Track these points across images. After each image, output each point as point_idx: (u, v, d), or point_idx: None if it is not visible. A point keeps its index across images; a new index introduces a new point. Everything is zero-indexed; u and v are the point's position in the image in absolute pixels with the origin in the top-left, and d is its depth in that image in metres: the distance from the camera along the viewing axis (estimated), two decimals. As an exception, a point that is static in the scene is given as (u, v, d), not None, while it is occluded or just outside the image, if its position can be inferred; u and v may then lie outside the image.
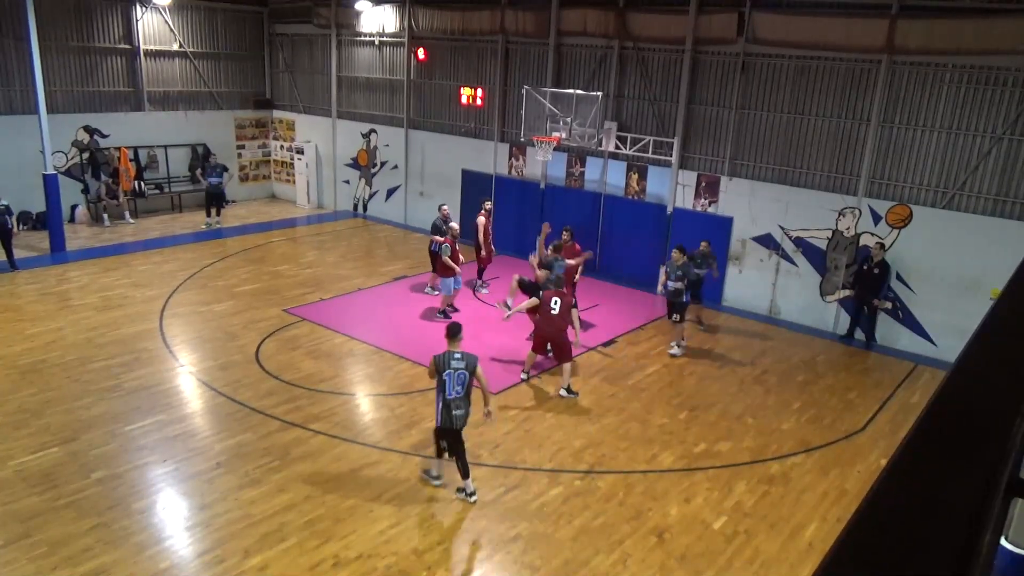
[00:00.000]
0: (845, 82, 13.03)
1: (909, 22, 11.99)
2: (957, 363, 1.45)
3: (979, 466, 1.15)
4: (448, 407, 7.61)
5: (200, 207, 19.90)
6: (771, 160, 14.07)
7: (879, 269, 12.67)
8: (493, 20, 17.01)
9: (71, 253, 16.22)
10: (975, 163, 12.01)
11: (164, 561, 6.74)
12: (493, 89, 17.58)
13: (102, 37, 19.14)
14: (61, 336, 11.68)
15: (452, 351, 7.70)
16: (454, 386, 7.61)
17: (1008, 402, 1.29)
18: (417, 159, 19.71)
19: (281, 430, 9.13)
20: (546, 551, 7.14)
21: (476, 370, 7.72)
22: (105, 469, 8.10)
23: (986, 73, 11.70)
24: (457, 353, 7.69)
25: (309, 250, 17.76)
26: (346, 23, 20.13)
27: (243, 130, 22.36)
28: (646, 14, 14.86)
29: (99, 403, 9.58)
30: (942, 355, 12.44)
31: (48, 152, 15.92)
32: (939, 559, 0.95)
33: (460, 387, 7.64)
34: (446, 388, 7.60)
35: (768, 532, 7.64)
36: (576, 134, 14.47)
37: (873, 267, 12.71)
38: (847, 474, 8.85)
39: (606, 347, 12.39)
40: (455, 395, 7.62)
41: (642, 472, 8.65)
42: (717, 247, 14.79)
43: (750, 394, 10.94)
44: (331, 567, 6.77)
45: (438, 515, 7.61)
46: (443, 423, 7.70)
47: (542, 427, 9.59)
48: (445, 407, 7.62)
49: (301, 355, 11.41)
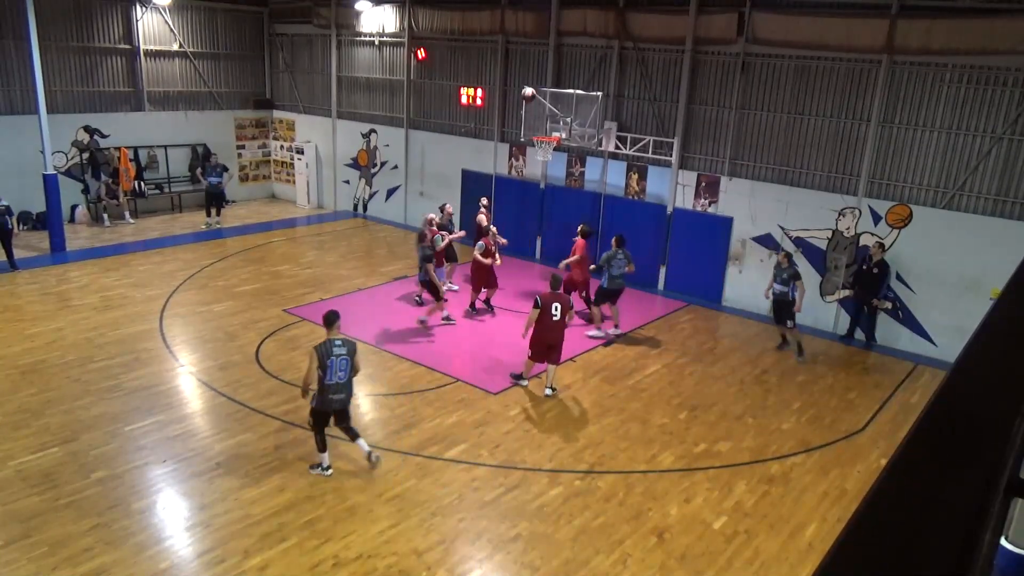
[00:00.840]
0: (845, 82, 13.03)
1: (909, 22, 12.00)
2: (957, 363, 1.45)
3: (979, 466, 1.15)
4: (327, 392, 7.84)
5: (200, 207, 19.90)
6: (771, 160, 14.07)
7: (878, 269, 12.67)
8: (493, 20, 17.01)
9: (71, 253, 16.22)
10: (975, 163, 12.01)
11: (164, 561, 6.74)
12: (493, 89, 17.58)
13: (102, 37, 19.14)
14: (61, 336, 11.67)
15: (333, 338, 7.87)
16: (336, 372, 7.82)
17: (1008, 402, 1.29)
18: (417, 159, 19.71)
19: (281, 430, 9.13)
20: (546, 551, 7.14)
21: (356, 354, 8.00)
22: (105, 469, 8.10)
23: (986, 73, 11.70)
24: (338, 340, 7.89)
25: (309, 250, 17.76)
26: (346, 23, 20.13)
27: (243, 130, 22.36)
28: (646, 14, 14.86)
29: (99, 403, 9.58)
30: (942, 355, 12.44)
31: (48, 152, 15.92)
32: (939, 559, 0.95)
33: (343, 372, 7.87)
34: (328, 374, 7.78)
35: (768, 532, 7.64)
36: (576, 134, 14.47)
37: (872, 267, 12.71)
38: (847, 474, 8.84)
39: (606, 347, 12.39)
40: (337, 380, 7.85)
41: (642, 472, 8.65)
42: (717, 247, 14.83)
43: (750, 394, 10.94)
44: (331, 567, 6.77)
45: (438, 515, 7.61)
46: (324, 407, 7.93)
47: (542, 427, 9.59)
48: (326, 391, 7.83)
49: (301, 355, 11.39)
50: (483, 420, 9.66)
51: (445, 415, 9.73)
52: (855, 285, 13.15)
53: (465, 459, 8.69)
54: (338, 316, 8.11)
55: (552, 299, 10.24)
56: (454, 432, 9.29)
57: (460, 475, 8.35)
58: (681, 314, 14.35)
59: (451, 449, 8.88)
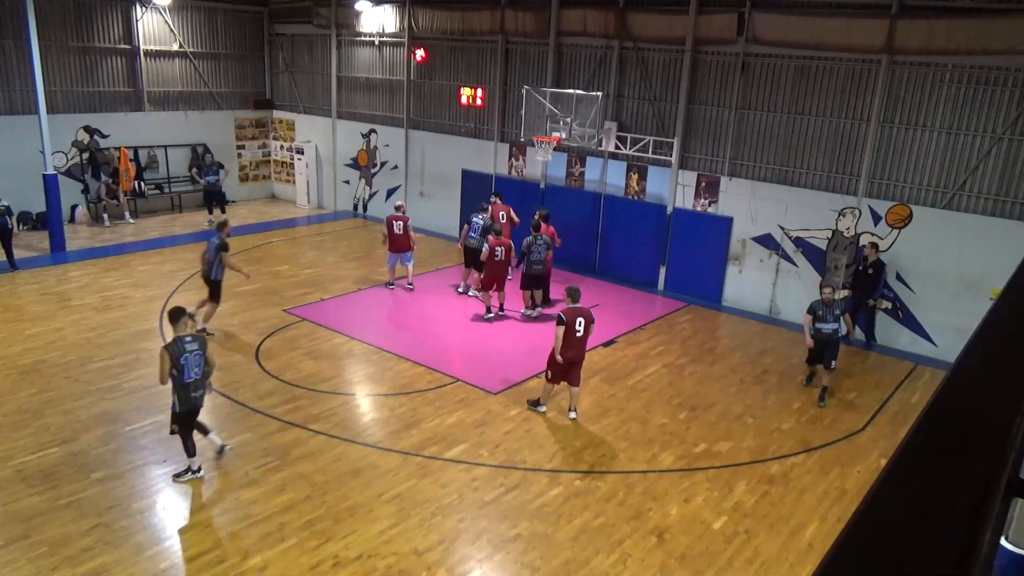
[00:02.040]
0: (845, 82, 13.03)
1: (909, 22, 11.99)
2: (957, 363, 1.45)
3: (979, 466, 1.15)
4: (187, 390, 7.73)
5: (200, 207, 19.90)
6: (771, 160, 14.07)
7: (873, 269, 12.66)
8: (493, 20, 17.01)
9: (71, 253, 16.22)
10: (975, 163, 12.01)
11: (164, 561, 6.74)
12: (493, 89, 17.58)
13: (102, 37, 19.13)
14: (61, 336, 11.67)
15: (182, 336, 7.76)
16: (192, 369, 7.72)
17: (1008, 402, 1.29)
18: (417, 159, 19.71)
19: (281, 430, 9.13)
20: (546, 551, 7.14)
21: (207, 348, 7.92)
22: (105, 469, 8.10)
23: (986, 73, 11.70)
24: (187, 337, 7.79)
25: (309, 250, 17.75)
26: (346, 23, 20.12)
27: (243, 130, 22.35)
28: (646, 14, 14.86)
29: (99, 403, 9.58)
30: (942, 355, 12.43)
31: (48, 152, 15.92)
32: (939, 559, 0.95)
33: (198, 368, 7.78)
34: (185, 372, 7.66)
35: (768, 532, 7.64)
36: (576, 134, 14.48)
37: (868, 267, 12.69)
38: (847, 474, 8.85)
39: (606, 347, 12.39)
40: (194, 377, 7.76)
41: (642, 472, 8.65)
42: (717, 247, 14.83)
43: (750, 394, 10.94)
44: (331, 567, 6.77)
45: (438, 515, 7.61)
46: (186, 406, 7.80)
47: (542, 427, 9.59)
48: (184, 390, 7.72)
49: (301, 355, 11.41)
50: (483, 420, 9.66)
51: (445, 415, 9.73)
52: (853, 286, 13.15)
53: (465, 459, 8.69)
54: (184, 312, 7.96)
55: (575, 314, 9.46)
56: (454, 432, 9.29)
57: (460, 475, 8.35)
58: (681, 314, 14.35)
59: (451, 449, 8.89)
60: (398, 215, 14.43)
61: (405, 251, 14.49)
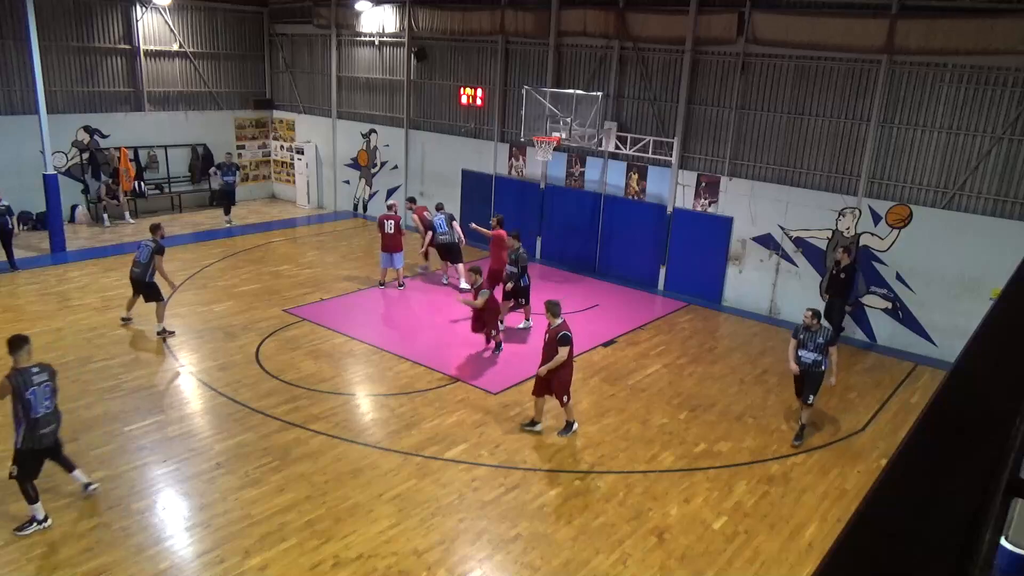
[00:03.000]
0: (845, 82, 13.03)
1: (909, 22, 11.99)
2: (957, 363, 1.45)
3: (979, 466, 1.15)
4: (36, 427, 6.81)
5: (200, 208, 19.93)
6: (771, 160, 14.07)
7: (846, 274, 12.58)
8: (493, 20, 17.01)
9: (71, 253, 16.22)
10: (975, 163, 12.01)
11: (164, 561, 6.74)
12: (493, 89, 17.58)
13: (102, 37, 19.13)
14: (61, 336, 11.67)
15: (27, 367, 6.83)
16: (41, 402, 6.82)
17: (1008, 402, 1.28)
18: (417, 159, 19.70)
19: (281, 430, 9.13)
20: (546, 551, 7.14)
21: (56, 376, 7.06)
22: (105, 469, 8.10)
23: (986, 73, 11.70)
24: (34, 367, 6.88)
25: (309, 250, 17.75)
26: (346, 23, 20.13)
27: (243, 130, 22.36)
28: (646, 14, 14.86)
29: (99, 403, 9.58)
30: (942, 355, 12.43)
31: (48, 152, 15.92)
32: (939, 559, 0.95)
33: (48, 402, 6.90)
34: (32, 408, 6.74)
35: (768, 532, 7.64)
36: (576, 134, 14.48)
37: (840, 272, 12.62)
38: (847, 474, 8.84)
39: (606, 347, 12.39)
40: (44, 412, 6.85)
41: (642, 472, 8.65)
42: (717, 247, 14.83)
43: (750, 394, 10.94)
44: (331, 567, 6.77)
45: (438, 515, 7.61)
46: (30, 444, 6.83)
47: (542, 427, 9.58)
48: (32, 428, 6.79)
49: (301, 355, 11.41)
50: (483, 420, 9.66)
51: (445, 415, 9.73)
52: (828, 290, 13.04)
53: (465, 459, 8.69)
54: (27, 340, 6.95)
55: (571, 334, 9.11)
56: (454, 432, 9.29)
57: (460, 475, 8.35)
58: (681, 314, 14.35)
59: (451, 449, 8.89)
60: (390, 214, 14.55)
61: (396, 251, 14.61)
